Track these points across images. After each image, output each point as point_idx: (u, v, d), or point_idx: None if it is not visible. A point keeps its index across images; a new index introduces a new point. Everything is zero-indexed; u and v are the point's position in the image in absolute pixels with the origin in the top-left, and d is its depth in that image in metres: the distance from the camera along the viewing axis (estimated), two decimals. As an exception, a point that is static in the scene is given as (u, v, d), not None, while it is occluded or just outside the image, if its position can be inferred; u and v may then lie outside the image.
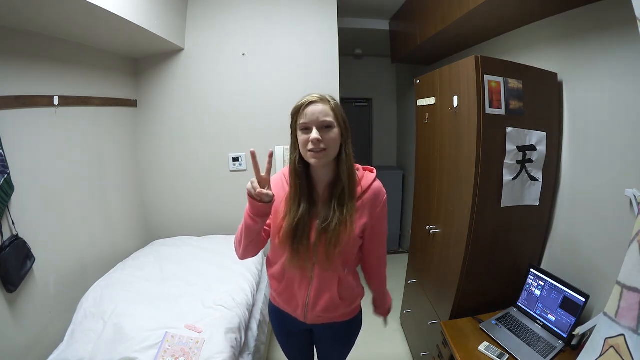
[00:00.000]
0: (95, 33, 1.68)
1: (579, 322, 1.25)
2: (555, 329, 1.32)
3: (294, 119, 0.98)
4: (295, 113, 0.97)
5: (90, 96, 1.85)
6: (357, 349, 1.30)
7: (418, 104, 1.97)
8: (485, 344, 1.31)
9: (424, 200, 1.97)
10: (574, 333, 1.24)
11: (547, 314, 1.37)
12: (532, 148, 1.42)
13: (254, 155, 0.87)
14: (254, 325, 1.71)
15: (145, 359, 1.24)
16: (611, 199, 1.21)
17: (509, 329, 1.38)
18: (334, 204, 0.98)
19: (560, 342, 1.28)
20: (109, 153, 2.06)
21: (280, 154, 2.41)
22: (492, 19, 1.69)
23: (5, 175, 1.26)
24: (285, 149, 2.40)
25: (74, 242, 1.72)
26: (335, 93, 2.39)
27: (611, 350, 0.81)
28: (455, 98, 1.49)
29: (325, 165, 0.98)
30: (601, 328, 0.86)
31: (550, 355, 1.23)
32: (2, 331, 1.27)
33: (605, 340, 0.83)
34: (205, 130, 2.43)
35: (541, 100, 1.43)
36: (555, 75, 1.46)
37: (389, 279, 1.26)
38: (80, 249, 1.75)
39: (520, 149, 1.40)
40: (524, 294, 1.48)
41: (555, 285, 1.35)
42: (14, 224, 1.32)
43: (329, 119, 0.94)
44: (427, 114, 1.85)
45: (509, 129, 1.37)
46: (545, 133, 1.43)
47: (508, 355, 1.25)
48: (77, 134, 1.76)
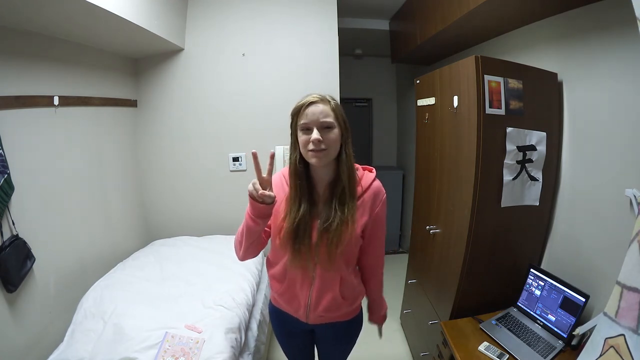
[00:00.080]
0: (95, 33, 1.68)
1: (579, 322, 1.25)
2: (555, 329, 1.32)
3: (294, 119, 0.98)
4: (296, 113, 0.97)
5: (90, 96, 1.85)
6: (357, 348, 1.30)
7: (418, 104, 1.97)
8: (485, 344, 1.31)
9: (424, 200, 1.97)
10: (574, 333, 1.24)
11: (547, 314, 1.37)
12: (532, 148, 1.42)
13: (255, 156, 0.87)
14: (254, 325, 1.71)
15: (145, 359, 1.24)
16: (611, 199, 1.22)
17: (509, 329, 1.38)
18: (335, 203, 0.98)
19: (560, 342, 1.28)
20: (109, 153, 2.06)
21: (280, 154, 2.41)
22: (492, 19, 1.69)
23: (5, 175, 1.26)
24: (285, 149, 2.40)
25: (74, 242, 1.72)
26: (335, 93, 2.39)
27: (611, 350, 0.81)
28: (455, 98, 1.49)
29: (325, 165, 0.98)
30: (601, 328, 0.86)
31: (550, 355, 1.23)
32: (2, 331, 1.27)
33: (605, 340, 0.84)
34: (205, 130, 2.43)
35: (541, 100, 1.43)
36: (555, 75, 1.46)
37: (388, 279, 1.26)
38: (80, 249, 1.75)
39: (520, 149, 1.40)
40: (524, 294, 1.48)
41: (555, 285, 1.35)
42: (14, 224, 1.32)
43: (329, 120, 0.94)
44: (427, 114, 1.85)
45: (509, 129, 1.37)
46: (545, 133, 1.43)
47: (508, 355, 1.25)
48: (77, 134, 1.76)
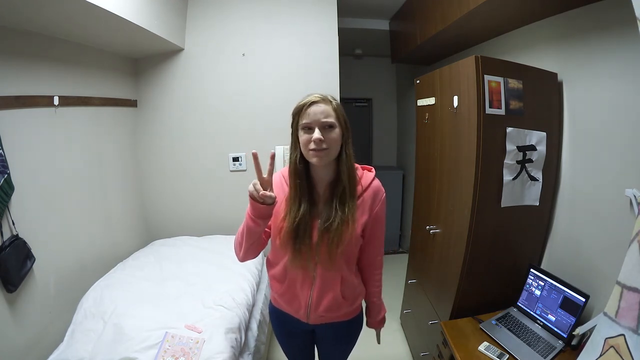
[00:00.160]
0: (95, 33, 1.68)
1: (579, 322, 1.25)
2: (555, 329, 1.32)
3: (296, 119, 0.98)
4: (297, 113, 0.97)
5: (90, 96, 1.85)
6: (357, 348, 1.30)
7: (418, 104, 1.97)
8: (485, 344, 1.31)
9: (424, 200, 1.97)
10: (574, 333, 1.24)
11: (547, 314, 1.37)
12: (532, 148, 1.42)
13: (255, 156, 0.87)
14: (254, 325, 1.71)
15: (145, 359, 1.24)
16: (611, 199, 1.22)
17: (509, 329, 1.38)
18: (336, 203, 0.98)
19: (560, 342, 1.28)
20: (109, 153, 2.06)
21: (280, 154, 2.41)
22: (492, 19, 1.69)
23: (5, 175, 1.26)
24: (285, 149, 2.40)
25: (74, 242, 1.72)
26: (335, 93, 2.39)
27: (611, 350, 0.81)
28: (455, 98, 1.49)
29: (325, 165, 0.98)
30: (601, 328, 0.86)
31: (550, 355, 1.23)
32: (2, 331, 1.27)
33: (605, 340, 0.84)
34: (205, 130, 2.43)
35: (541, 100, 1.43)
36: (555, 75, 1.46)
37: (388, 279, 1.25)
38: (80, 249, 1.75)
39: (520, 149, 1.40)
40: (524, 294, 1.48)
41: (555, 285, 1.35)
42: (14, 224, 1.32)
43: (330, 120, 0.94)
44: (427, 114, 1.85)
45: (509, 129, 1.37)
46: (545, 133, 1.43)
47: (508, 355, 1.25)
48: (77, 134, 1.76)
